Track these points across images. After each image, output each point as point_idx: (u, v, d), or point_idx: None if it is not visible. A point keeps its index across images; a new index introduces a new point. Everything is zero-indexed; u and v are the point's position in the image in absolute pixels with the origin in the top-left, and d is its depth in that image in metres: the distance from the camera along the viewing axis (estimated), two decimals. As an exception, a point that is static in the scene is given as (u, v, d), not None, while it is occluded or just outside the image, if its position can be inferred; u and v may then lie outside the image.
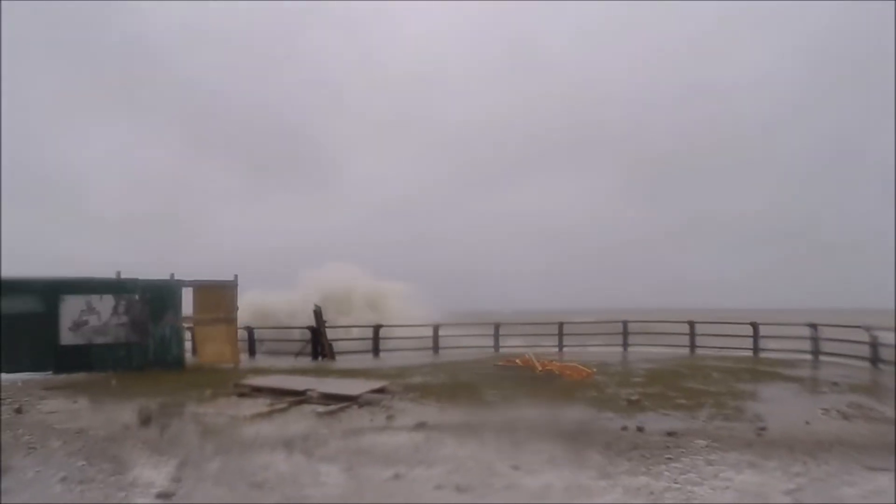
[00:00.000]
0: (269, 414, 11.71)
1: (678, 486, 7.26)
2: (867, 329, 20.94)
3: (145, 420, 10.94)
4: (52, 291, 18.12)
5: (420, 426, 10.60)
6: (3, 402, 12.78)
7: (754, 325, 24.83)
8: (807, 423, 11.63)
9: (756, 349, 24.40)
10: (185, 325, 20.60)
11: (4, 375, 16.29)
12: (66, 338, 18.22)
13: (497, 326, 26.60)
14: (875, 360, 20.43)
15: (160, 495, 6.87)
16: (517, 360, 19.02)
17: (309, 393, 13.10)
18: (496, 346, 26.01)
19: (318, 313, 24.26)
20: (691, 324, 25.93)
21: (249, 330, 24.63)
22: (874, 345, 20.59)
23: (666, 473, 7.80)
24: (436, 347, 25.85)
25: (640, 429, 10.70)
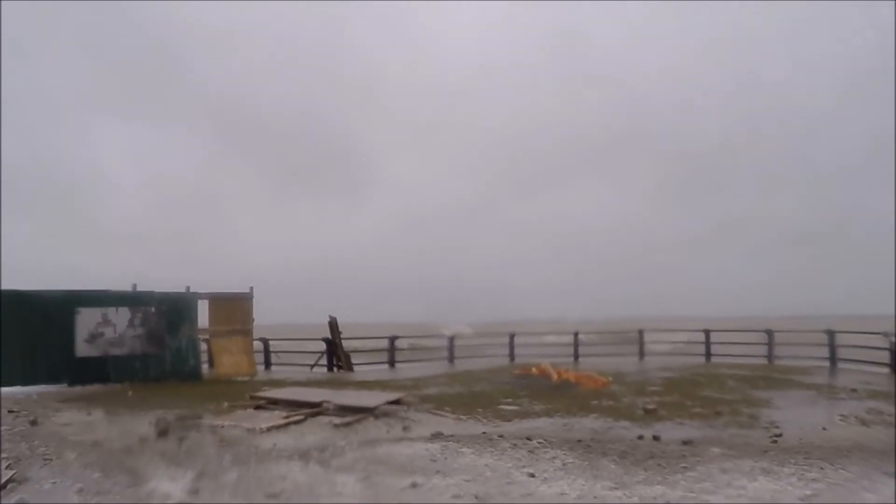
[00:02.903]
0: (285, 426, 11.72)
1: (693, 494, 7.23)
2: (886, 335, 20.83)
3: (162, 432, 10.98)
4: (67, 304, 18.20)
5: (437, 436, 10.60)
6: (18, 414, 12.83)
7: (769, 333, 24.76)
8: (824, 429, 11.58)
9: (771, 356, 24.32)
10: (201, 336, 20.66)
11: (20, 388, 16.37)
12: (82, 350, 18.28)
13: (512, 336, 26.60)
14: (895, 365, 20.29)
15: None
16: (533, 369, 19.00)
17: (325, 405, 13.11)
18: (512, 355, 26.01)
19: (333, 325, 24.30)
20: (707, 332, 25.88)
21: (265, 341, 24.69)
22: (894, 351, 20.46)
23: (682, 482, 7.76)
24: (451, 357, 25.87)
25: (656, 438, 10.68)
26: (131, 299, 19.36)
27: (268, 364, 24.51)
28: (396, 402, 13.81)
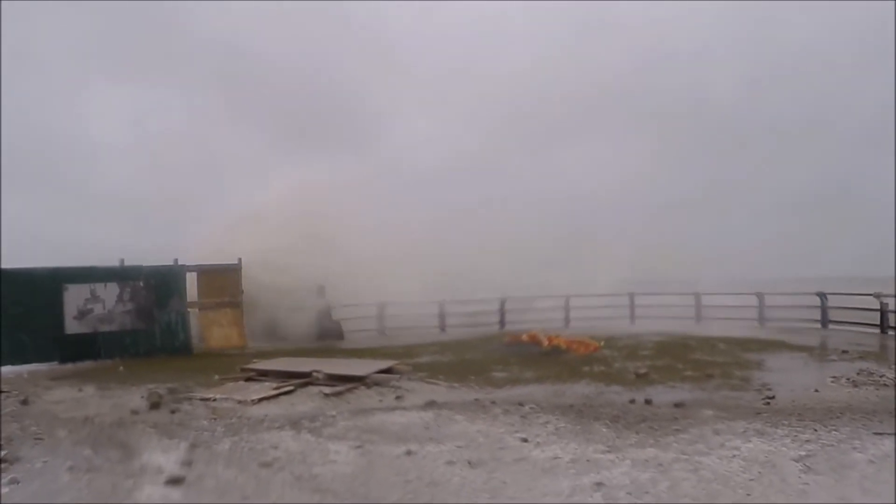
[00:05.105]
0: (276, 397, 11.70)
1: (686, 456, 7.24)
2: (877, 296, 20.90)
3: (153, 405, 10.96)
4: (54, 281, 18.06)
5: (430, 404, 10.60)
6: (9, 393, 12.76)
7: (759, 296, 24.80)
8: (816, 391, 11.63)
9: (762, 319, 24.40)
10: (191, 309, 20.53)
11: (10, 367, 16.26)
12: (71, 327, 18.15)
13: (503, 301, 26.54)
14: (884, 326, 20.40)
15: (170, 480, 6.85)
16: (524, 336, 18.97)
17: (315, 374, 13.07)
18: (502, 322, 25.98)
19: (321, 292, 24.20)
20: (697, 295, 25.88)
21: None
22: (884, 312, 20.55)
23: (674, 444, 7.78)
24: (442, 325, 25.82)
25: (647, 401, 10.71)
26: (119, 274, 19.21)
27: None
28: (388, 370, 13.80)
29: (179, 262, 20.25)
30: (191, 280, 20.54)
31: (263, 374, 13.73)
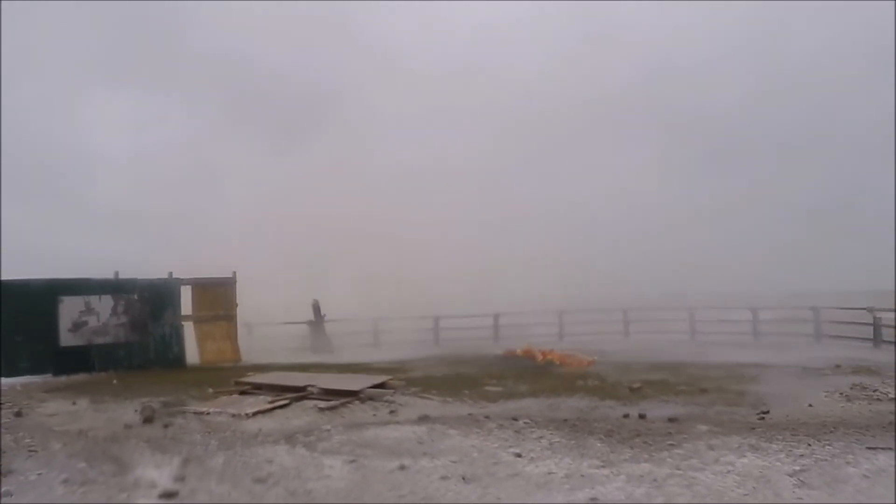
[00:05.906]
0: (270, 411, 11.68)
1: (680, 472, 7.24)
2: (870, 310, 21.04)
3: (147, 419, 10.93)
4: (49, 293, 18.03)
5: (423, 419, 10.58)
6: (3, 405, 12.72)
7: (753, 310, 24.93)
8: (810, 405, 11.65)
9: (756, 333, 24.50)
10: (185, 322, 20.51)
11: (4, 379, 16.21)
12: (66, 339, 18.12)
13: (497, 317, 26.60)
14: (877, 340, 20.51)
15: (163, 495, 6.83)
16: (518, 351, 19.04)
17: (310, 389, 13.07)
18: (497, 337, 26.01)
19: (316, 307, 24.26)
20: (691, 311, 25.99)
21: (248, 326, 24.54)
22: (876, 326, 20.67)
23: (669, 460, 7.78)
24: (437, 339, 25.84)
25: (642, 416, 10.70)
26: (114, 287, 19.21)
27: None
28: (382, 385, 13.79)
29: (174, 276, 20.25)
30: (185, 293, 20.54)
31: (258, 388, 13.71)
